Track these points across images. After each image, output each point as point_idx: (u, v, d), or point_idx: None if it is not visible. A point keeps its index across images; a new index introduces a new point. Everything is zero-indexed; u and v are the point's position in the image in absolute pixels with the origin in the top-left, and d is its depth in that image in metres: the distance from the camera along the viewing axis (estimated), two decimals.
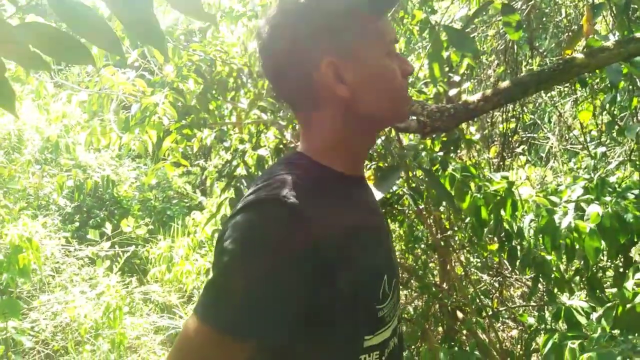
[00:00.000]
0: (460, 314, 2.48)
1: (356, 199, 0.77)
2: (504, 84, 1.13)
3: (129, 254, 4.08)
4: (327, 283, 0.63)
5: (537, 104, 3.57)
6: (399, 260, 2.61)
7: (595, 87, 2.19)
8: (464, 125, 2.64)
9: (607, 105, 2.18)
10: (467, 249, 2.73)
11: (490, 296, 2.75)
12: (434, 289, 2.39)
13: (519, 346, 2.67)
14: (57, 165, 4.51)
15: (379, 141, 1.90)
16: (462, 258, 2.78)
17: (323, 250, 0.63)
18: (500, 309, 2.68)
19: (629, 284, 1.57)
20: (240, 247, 0.62)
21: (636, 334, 1.46)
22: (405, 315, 2.54)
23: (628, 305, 1.51)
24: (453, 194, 1.85)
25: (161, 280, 4.04)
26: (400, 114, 0.80)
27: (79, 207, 4.99)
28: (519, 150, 3.33)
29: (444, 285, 2.53)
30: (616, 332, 1.52)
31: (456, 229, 2.52)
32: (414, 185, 1.98)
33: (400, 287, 0.87)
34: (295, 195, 0.64)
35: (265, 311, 0.60)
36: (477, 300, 2.39)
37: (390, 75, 0.74)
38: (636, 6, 1.83)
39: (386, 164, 1.89)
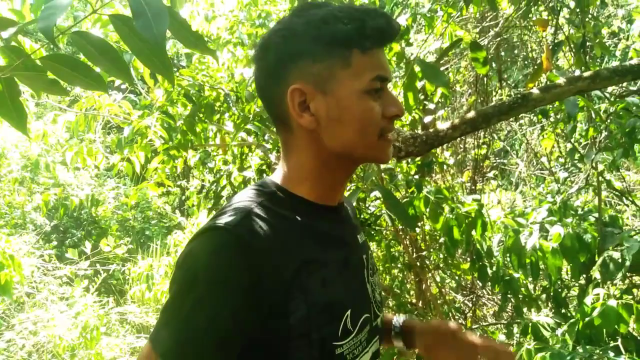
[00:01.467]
0: None
1: (322, 230, 0.74)
2: (470, 114, 1.26)
3: (108, 273, 4.06)
4: (275, 317, 0.64)
5: (507, 132, 3.76)
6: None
7: (557, 117, 2.37)
8: (438, 151, 2.78)
9: (568, 134, 2.36)
10: (442, 268, 2.84)
11: (464, 315, 2.85)
12: (410, 307, 2.48)
13: None
14: (35, 184, 4.49)
15: None
16: (437, 278, 2.88)
17: (270, 283, 0.63)
18: (474, 327, 2.78)
19: (588, 300, 1.69)
20: (183, 278, 0.65)
21: (595, 348, 1.57)
22: None
23: (587, 319, 1.62)
24: (427, 215, 1.96)
25: (140, 300, 4.03)
26: (376, 157, 0.75)
27: (56, 227, 4.95)
28: (490, 175, 3.50)
29: (420, 303, 2.63)
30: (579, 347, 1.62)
31: (432, 250, 2.63)
32: None
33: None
34: (246, 225, 0.65)
35: (201, 343, 0.61)
36: (452, 318, 2.49)
37: (364, 115, 0.70)
38: (592, 44, 2.01)
39: (365, 185, 2.00)
